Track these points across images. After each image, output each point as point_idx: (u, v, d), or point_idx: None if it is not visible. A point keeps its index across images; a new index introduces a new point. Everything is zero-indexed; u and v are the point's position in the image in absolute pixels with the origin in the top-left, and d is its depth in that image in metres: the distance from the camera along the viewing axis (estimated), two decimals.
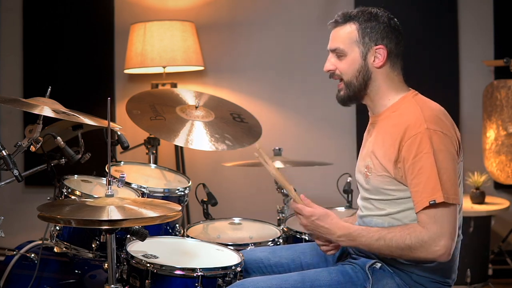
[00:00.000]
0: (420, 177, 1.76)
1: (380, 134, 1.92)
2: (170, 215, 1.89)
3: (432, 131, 1.78)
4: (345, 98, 1.97)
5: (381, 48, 1.90)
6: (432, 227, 1.73)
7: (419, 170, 1.76)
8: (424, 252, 1.74)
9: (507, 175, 3.61)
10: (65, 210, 1.85)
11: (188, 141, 2.76)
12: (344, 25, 1.93)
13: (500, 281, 3.62)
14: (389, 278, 1.88)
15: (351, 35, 1.91)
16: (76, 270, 2.59)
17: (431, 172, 1.74)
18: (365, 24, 1.91)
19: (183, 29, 3.67)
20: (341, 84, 1.96)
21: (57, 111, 2.12)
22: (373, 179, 1.90)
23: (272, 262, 2.12)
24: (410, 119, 1.82)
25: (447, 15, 3.84)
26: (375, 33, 1.90)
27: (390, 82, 1.93)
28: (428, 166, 1.75)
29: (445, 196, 1.73)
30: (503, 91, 3.60)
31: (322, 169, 3.62)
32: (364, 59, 1.91)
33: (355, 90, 1.94)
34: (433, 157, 1.75)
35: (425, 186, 1.75)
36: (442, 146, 1.77)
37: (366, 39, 1.90)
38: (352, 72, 1.92)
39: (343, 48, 1.92)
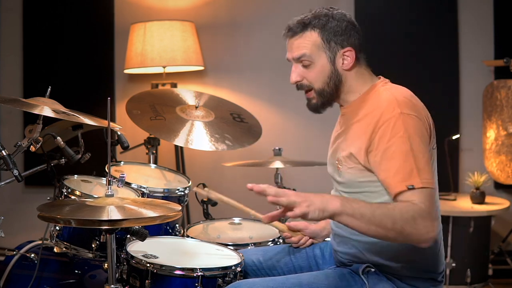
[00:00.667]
0: (393, 161, 1.70)
1: (350, 125, 1.89)
2: (170, 215, 1.89)
3: (406, 114, 1.74)
4: (319, 106, 1.93)
5: (349, 50, 1.87)
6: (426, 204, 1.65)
7: (393, 154, 1.71)
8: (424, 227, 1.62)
9: (507, 175, 3.61)
10: (65, 210, 1.85)
11: (188, 141, 2.76)
12: (304, 33, 1.88)
13: (500, 281, 3.62)
14: (385, 282, 1.86)
15: (315, 42, 1.86)
16: (76, 270, 2.59)
17: (407, 157, 1.69)
18: (325, 27, 1.86)
19: (183, 29, 3.67)
20: (311, 93, 1.92)
21: (57, 111, 2.12)
22: (344, 172, 1.87)
23: (265, 264, 2.12)
24: (382, 105, 1.78)
25: (447, 15, 3.84)
26: (338, 35, 1.86)
27: (362, 79, 1.91)
28: (403, 150, 1.70)
29: (424, 181, 1.67)
30: (503, 91, 3.60)
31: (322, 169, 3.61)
32: (333, 64, 1.87)
33: (328, 96, 1.90)
34: (407, 141, 1.70)
35: (400, 170, 1.68)
36: (417, 130, 1.73)
37: (331, 44, 1.86)
38: (323, 79, 1.88)
39: (309, 53, 1.87)
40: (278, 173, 2.95)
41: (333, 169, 1.96)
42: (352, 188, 1.87)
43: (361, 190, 1.84)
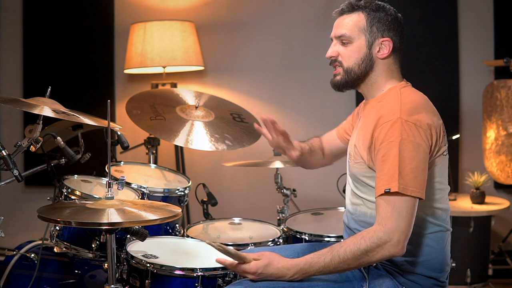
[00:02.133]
0: (383, 164, 1.76)
1: (363, 122, 1.95)
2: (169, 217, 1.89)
3: (404, 121, 1.77)
4: (341, 83, 1.97)
5: (387, 40, 1.92)
6: (387, 223, 1.72)
7: (383, 157, 1.76)
8: (381, 251, 1.72)
9: (507, 175, 3.61)
10: (65, 212, 1.85)
11: (188, 141, 2.76)
12: (351, 14, 1.94)
13: (500, 281, 3.62)
14: (385, 277, 1.89)
15: (359, 23, 1.92)
16: (76, 270, 2.60)
17: (393, 161, 1.73)
18: (373, 14, 1.92)
19: (183, 29, 3.67)
20: (339, 69, 1.96)
21: (57, 111, 2.12)
22: (352, 166, 1.94)
23: None
24: (387, 107, 1.84)
25: (447, 15, 3.84)
26: (382, 24, 1.92)
27: (390, 74, 1.95)
28: (391, 154, 1.74)
29: (402, 187, 1.71)
30: (503, 91, 3.60)
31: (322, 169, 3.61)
32: (369, 48, 1.92)
33: (354, 77, 1.95)
34: (398, 146, 1.74)
35: (385, 173, 1.74)
36: (412, 137, 1.75)
37: (373, 29, 1.91)
38: (355, 59, 1.93)
39: (349, 34, 1.92)
40: (278, 173, 2.95)
41: (347, 163, 2.03)
42: (356, 182, 1.93)
43: (363, 184, 1.90)
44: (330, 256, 1.77)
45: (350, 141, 2.05)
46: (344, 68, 1.95)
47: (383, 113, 1.82)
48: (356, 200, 1.95)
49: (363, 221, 1.92)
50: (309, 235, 2.55)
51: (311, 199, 3.47)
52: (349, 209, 2.00)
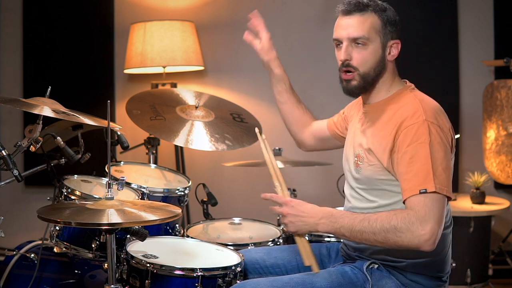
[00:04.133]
0: (412, 166, 1.73)
1: (375, 125, 1.90)
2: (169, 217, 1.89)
3: (430, 123, 1.76)
4: (358, 88, 1.91)
5: (397, 43, 1.90)
6: (421, 210, 1.68)
7: (412, 159, 1.73)
8: (410, 235, 1.67)
9: (507, 175, 3.61)
10: (65, 213, 1.85)
11: (188, 141, 2.76)
12: (364, 13, 1.86)
13: (500, 281, 3.62)
14: (388, 279, 1.89)
15: (375, 24, 1.86)
16: (76, 270, 2.59)
17: (425, 161, 1.71)
18: (384, 14, 1.88)
19: (183, 29, 3.67)
20: (352, 74, 1.89)
21: (57, 111, 2.12)
22: (364, 169, 1.89)
23: (268, 263, 2.12)
24: (408, 110, 1.81)
25: (447, 15, 3.84)
26: (392, 25, 1.89)
27: (394, 75, 1.94)
28: (422, 155, 1.72)
29: (438, 186, 1.69)
30: (503, 91, 3.60)
31: (322, 169, 3.62)
32: (383, 50, 1.89)
33: (369, 81, 1.90)
34: (428, 147, 1.72)
35: (416, 174, 1.71)
36: (439, 138, 1.75)
37: (387, 30, 1.88)
38: (372, 63, 1.87)
39: (368, 36, 1.86)
40: None
41: (351, 165, 1.98)
42: (368, 185, 1.90)
43: (377, 188, 1.88)
44: (361, 217, 1.76)
45: (353, 143, 2.00)
46: (360, 73, 1.88)
47: (405, 116, 1.79)
48: (364, 205, 1.93)
49: None
50: (309, 235, 2.55)
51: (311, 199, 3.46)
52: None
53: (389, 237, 1.70)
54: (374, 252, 1.91)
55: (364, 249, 1.94)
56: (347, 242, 2.02)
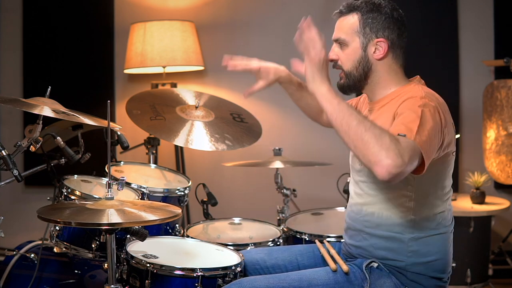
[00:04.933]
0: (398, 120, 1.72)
1: (378, 118, 1.91)
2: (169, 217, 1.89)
3: (427, 101, 1.77)
4: (345, 86, 1.99)
5: (382, 41, 1.90)
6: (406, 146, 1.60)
7: (402, 116, 1.73)
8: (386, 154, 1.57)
9: (507, 175, 3.61)
10: (65, 213, 1.85)
11: (188, 141, 2.76)
12: (347, 15, 1.94)
13: (500, 281, 3.62)
14: (386, 278, 1.89)
15: (353, 25, 1.92)
16: (76, 270, 2.60)
17: (413, 120, 1.68)
18: (367, 14, 1.91)
19: (183, 29, 3.67)
20: (342, 73, 1.98)
21: (57, 111, 2.12)
22: None
23: (269, 263, 2.12)
24: (409, 93, 1.84)
25: (447, 15, 3.84)
26: (376, 24, 1.90)
27: (393, 74, 1.94)
28: (411, 116, 1.70)
29: (416, 138, 1.64)
30: (503, 91, 3.60)
31: (322, 169, 3.62)
32: (364, 50, 1.92)
33: (355, 80, 1.95)
34: (420, 112, 1.70)
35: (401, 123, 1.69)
36: (432, 112, 1.74)
37: (367, 30, 1.91)
38: (352, 62, 1.94)
39: (344, 38, 1.94)
40: (278, 173, 2.95)
41: (355, 158, 2.00)
42: (368, 177, 1.91)
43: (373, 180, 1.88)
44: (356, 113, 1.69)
45: None
46: (345, 71, 1.96)
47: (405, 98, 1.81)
48: (364, 200, 1.94)
49: (369, 221, 1.92)
50: (309, 235, 2.55)
51: (311, 199, 3.47)
52: (354, 209, 1.99)
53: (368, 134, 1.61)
54: (376, 250, 1.91)
55: (365, 247, 1.94)
56: (348, 241, 2.02)
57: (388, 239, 1.89)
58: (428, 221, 1.87)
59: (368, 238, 1.93)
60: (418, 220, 1.86)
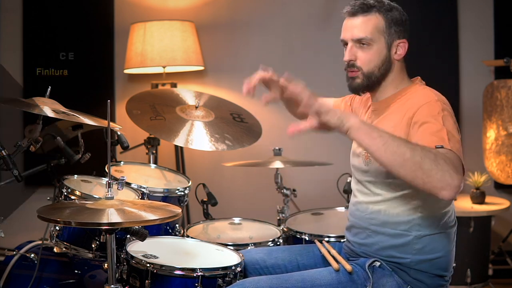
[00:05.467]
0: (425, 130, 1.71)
1: (385, 118, 1.92)
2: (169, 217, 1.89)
3: (443, 103, 1.80)
4: (362, 87, 1.94)
5: (404, 42, 1.92)
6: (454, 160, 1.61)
7: (427, 126, 1.72)
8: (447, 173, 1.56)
9: (507, 175, 3.61)
10: (65, 213, 1.85)
11: (188, 141, 2.76)
12: (367, 14, 1.90)
13: (500, 281, 3.62)
14: (389, 277, 1.89)
15: (378, 25, 1.90)
16: (76, 270, 2.59)
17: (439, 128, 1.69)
18: (389, 14, 1.90)
19: (183, 29, 3.67)
20: (357, 72, 1.92)
21: (57, 111, 2.12)
22: (374, 161, 1.88)
23: (269, 263, 2.12)
24: (419, 96, 1.84)
25: (447, 15, 3.84)
26: (398, 25, 1.91)
27: (403, 74, 1.97)
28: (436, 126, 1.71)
29: (453, 147, 1.65)
30: (503, 91, 3.60)
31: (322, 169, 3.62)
32: (389, 50, 1.92)
33: (374, 79, 1.93)
34: (441, 119, 1.72)
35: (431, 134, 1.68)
36: (450, 116, 1.77)
37: (392, 30, 1.91)
38: (375, 63, 1.91)
39: (370, 37, 1.89)
40: (278, 173, 2.95)
41: (360, 159, 1.99)
42: (375, 177, 1.91)
43: (384, 180, 1.88)
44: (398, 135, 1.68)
45: None
46: (364, 72, 1.92)
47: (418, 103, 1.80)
48: (370, 198, 1.94)
49: (375, 219, 1.92)
50: (309, 235, 2.55)
51: (311, 199, 3.47)
52: (359, 207, 1.99)
53: (426, 161, 1.57)
54: (381, 248, 1.91)
55: (370, 244, 1.94)
56: (351, 238, 2.02)
57: (394, 237, 1.89)
58: (434, 219, 1.87)
59: (374, 236, 1.93)
60: (425, 218, 1.87)
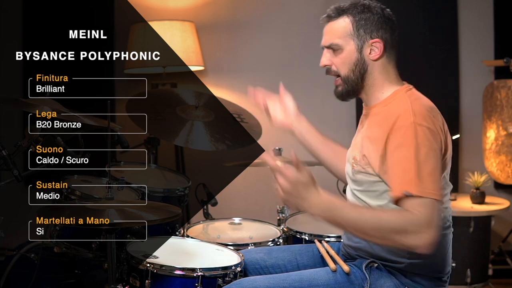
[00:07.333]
0: (396, 167, 1.73)
1: (370, 128, 1.91)
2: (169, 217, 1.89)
3: (418, 125, 1.75)
4: (344, 93, 1.95)
5: (377, 42, 1.89)
6: (422, 213, 1.65)
7: (397, 160, 1.73)
8: (416, 238, 1.63)
9: (507, 175, 3.61)
10: (65, 213, 1.85)
11: (188, 141, 2.76)
12: (338, 19, 1.92)
13: (500, 281, 3.62)
14: (387, 278, 1.89)
15: (346, 29, 1.90)
16: (76, 270, 2.60)
17: (410, 165, 1.69)
18: (358, 16, 1.89)
19: (183, 29, 3.67)
20: (338, 80, 1.95)
21: (57, 111, 2.12)
22: (357, 172, 1.90)
23: (269, 263, 2.12)
24: (399, 113, 1.80)
25: (447, 15, 3.84)
26: (369, 25, 1.89)
27: (386, 75, 1.93)
28: (407, 158, 1.70)
29: (422, 190, 1.67)
30: (503, 91, 3.60)
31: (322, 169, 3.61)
32: (360, 52, 1.90)
33: (353, 84, 1.92)
34: (413, 151, 1.71)
35: (400, 176, 1.70)
36: (426, 141, 1.73)
37: (361, 32, 1.89)
38: (349, 66, 1.91)
39: (337, 42, 1.91)
40: None
41: (349, 167, 1.99)
42: (363, 187, 1.90)
43: (371, 189, 1.88)
44: (369, 215, 1.72)
45: (354, 144, 2.00)
46: (342, 77, 1.93)
47: (395, 119, 1.78)
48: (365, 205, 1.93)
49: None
50: (309, 235, 2.55)
51: None
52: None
53: (395, 238, 1.66)
54: (375, 252, 1.91)
55: (364, 248, 1.94)
56: (347, 242, 2.02)
57: None
58: None
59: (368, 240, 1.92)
60: None
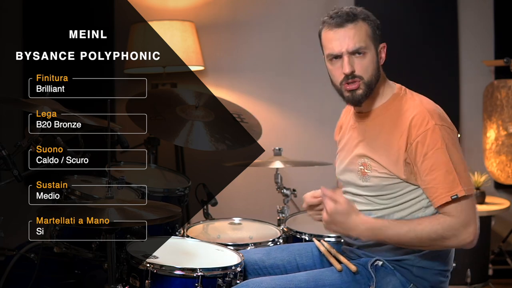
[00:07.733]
0: (435, 173, 1.77)
1: (378, 133, 1.90)
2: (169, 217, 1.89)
3: (440, 126, 1.79)
4: (363, 97, 1.90)
5: (385, 45, 1.93)
6: (461, 215, 1.76)
7: (433, 166, 1.78)
8: (455, 240, 1.77)
9: (507, 175, 3.61)
10: (65, 213, 1.85)
11: (188, 141, 2.76)
12: (356, 23, 1.87)
13: (500, 281, 3.62)
14: (392, 276, 1.89)
15: (367, 32, 1.88)
16: (76, 270, 2.60)
17: (448, 167, 1.76)
18: (369, 20, 1.90)
19: (183, 29, 3.67)
20: (358, 83, 1.88)
21: (57, 111, 2.12)
22: (372, 177, 1.89)
23: (267, 264, 2.12)
24: (412, 114, 1.82)
25: (447, 15, 3.84)
26: (378, 29, 1.91)
27: (385, 78, 1.96)
28: (443, 162, 1.77)
29: (465, 189, 1.76)
30: (503, 91, 3.60)
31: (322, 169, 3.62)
32: (377, 56, 1.91)
33: (373, 88, 1.91)
34: (446, 152, 1.77)
35: (442, 181, 1.77)
36: (451, 140, 1.80)
37: (377, 36, 1.90)
38: (372, 70, 1.89)
39: (365, 46, 1.87)
40: (278, 173, 2.95)
41: (354, 174, 1.96)
42: (378, 192, 1.90)
43: (385, 193, 1.89)
44: (406, 228, 1.80)
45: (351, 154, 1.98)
46: (365, 81, 1.88)
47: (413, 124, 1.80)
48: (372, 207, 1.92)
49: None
50: (309, 235, 2.55)
51: None
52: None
53: (436, 244, 1.79)
54: (383, 249, 1.91)
55: (373, 246, 1.93)
56: (351, 241, 2.01)
57: None
58: None
59: None
60: None
